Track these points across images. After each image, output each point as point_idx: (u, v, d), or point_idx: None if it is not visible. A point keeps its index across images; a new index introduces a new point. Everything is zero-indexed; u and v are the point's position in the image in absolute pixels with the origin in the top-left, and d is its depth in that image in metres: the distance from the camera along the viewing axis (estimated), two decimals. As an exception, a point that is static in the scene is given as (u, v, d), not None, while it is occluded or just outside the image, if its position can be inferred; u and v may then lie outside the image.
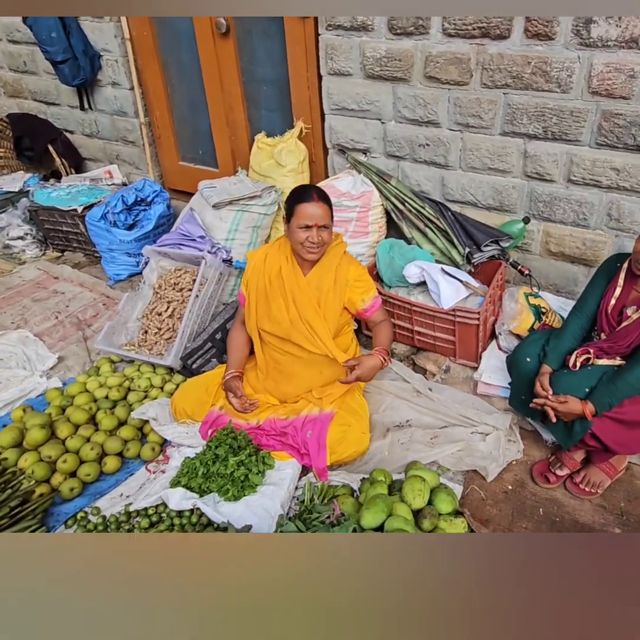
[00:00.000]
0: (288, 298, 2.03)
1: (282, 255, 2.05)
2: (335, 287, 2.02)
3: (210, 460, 1.96)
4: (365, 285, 2.08)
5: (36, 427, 2.05)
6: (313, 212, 1.89)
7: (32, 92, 4.04)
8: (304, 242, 1.91)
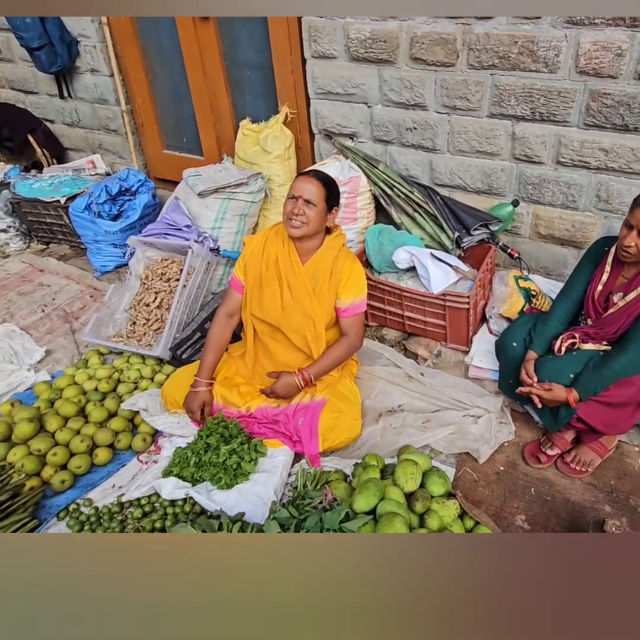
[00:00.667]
0: (283, 283, 2.01)
1: (279, 240, 2.03)
2: (331, 279, 2.00)
3: (202, 449, 1.95)
4: (349, 285, 2.01)
5: (24, 420, 2.03)
6: (301, 184, 1.89)
7: (9, 80, 3.95)
8: (288, 213, 1.90)
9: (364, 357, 2.42)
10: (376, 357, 2.44)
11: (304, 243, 1.99)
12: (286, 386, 1.99)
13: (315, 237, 1.99)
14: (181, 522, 1.77)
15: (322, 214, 1.93)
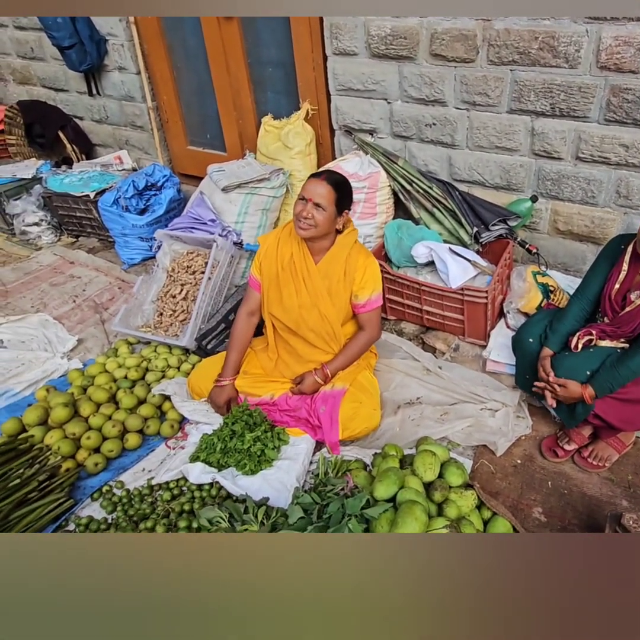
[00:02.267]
0: (299, 284, 2.06)
1: (294, 240, 2.06)
2: (345, 278, 2.03)
3: (228, 436, 2.03)
4: (364, 281, 2.03)
5: (60, 405, 2.13)
6: (313, 187, 1.89)
7: (41, 78, 4.07)
8: (297, 214, 1.92)
9: (382, 349, 2.47)
10: (395, 350, 2.49)
11: (316, 243, 2.02)
12: (311, 385, 2.10)
13: (326, 238, 2.01)
14: (208, 505, 1.86)
15: (332, 218, 1.93)
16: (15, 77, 4.22)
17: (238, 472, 1.98)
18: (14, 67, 4.17)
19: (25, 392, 2.41)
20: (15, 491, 1.81)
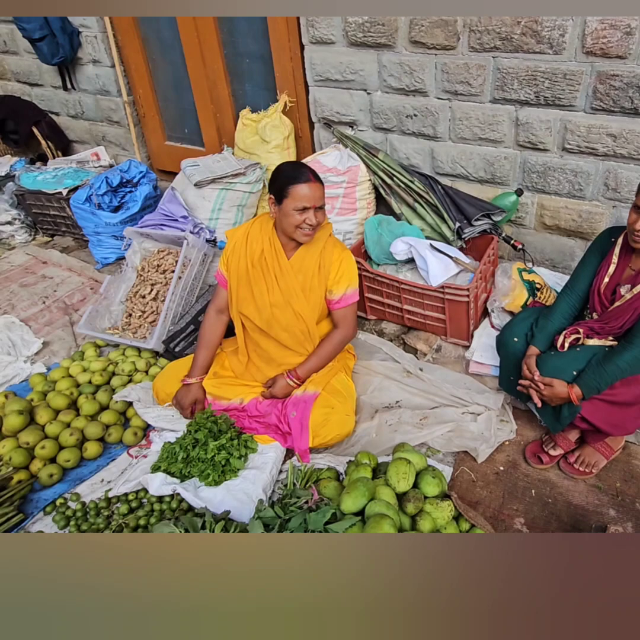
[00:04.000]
0: (271, 281, 1.95)
1: (265, 236, 1.95)
2: (320, 272, 1.93)
3: (190, 444, 1.92)
4: (339, 276, 1.94)
5: (14, 413, 2.02)
6: (312, 193, 1.76)
7: (15, 72, 3.95)
8: (300, 224, 1.80)
9: (361, 351, 2.36)
10: (374, 352, 2.37)
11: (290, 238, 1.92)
12: (283, 388, 2.00)
13: None
14: (166, 519, 1.74)
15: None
16: (-10, 71, 4.10)
17: (201, 483, 1.86)
18: (-12, 62, 4.05)
19: (-18, 398, 2.28)
20: (-42, 506, 1.69)
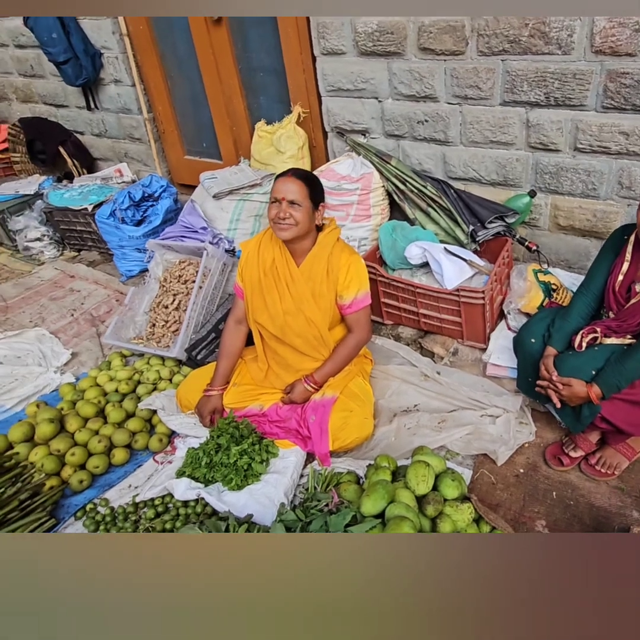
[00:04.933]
0: (283, 289, 2.00)
1: (275, 245, 2.00)
2: (329, 278, 1.96)
3: (213, 449, 1.97)
4: (348, 280, 1.96)
5: (45, 421, 2.10)
6: (282, 186, 1.84)
7: (42, 95, 4.11)
8: (274, 217, 1.86)
9: (379, 356, 2.38)
10: (391, 356, 2.40)
11: (297, 245, 1.96)
12: (301, 393, 2.03)
13: (307, 237, 1.95)
14: (191, 523, 1.79)
15: (309, 212, 1.88)
16: (18, 95, 4.28)
17: (224, 488, 1.91)
18: (17, 86, 4.23)
19: (16, 408, 2.38)
20: (-6, 511, 1.77)
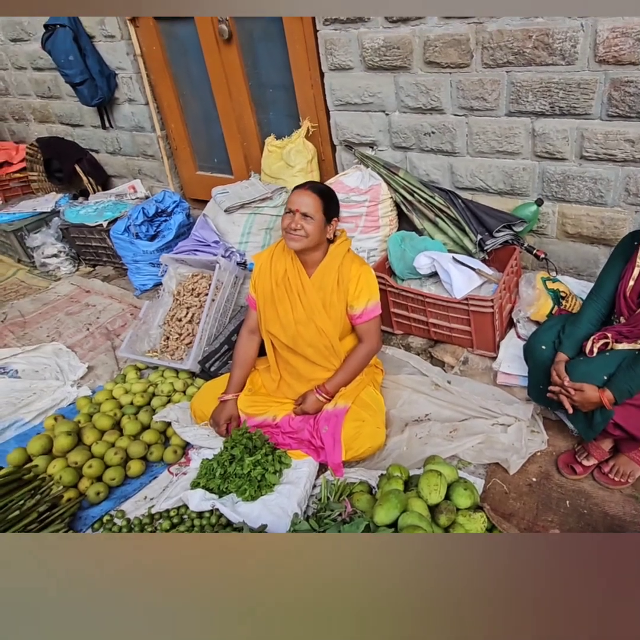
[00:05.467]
0: (294, 299, 2.03)
1: (287, 256, 2.05)
2: (339, 288, 1.99)
3: (227, 460, 1.99)
4: (358, 290, 1.99)
5: (63, 434, 2.15)
6: (297, 198, 1.90)
7: (58, 115, 4.22)
8: (286, 227, 1.91)
9: (389, 365, 2.40)
10: (402, 366, 2.41)
11: (308, 256, 2.00)
12: (313, 403, 2.05)
13: (319, 249, 1.99)
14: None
15: (321, 226, 1.93)
16: (36, 116, 4.40)
17: (238, 498, 1.93)
18: (34, 107, 4.35)
19: (34, 421, 2.43)
20: (14, 523, 1.81)
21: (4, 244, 3.94)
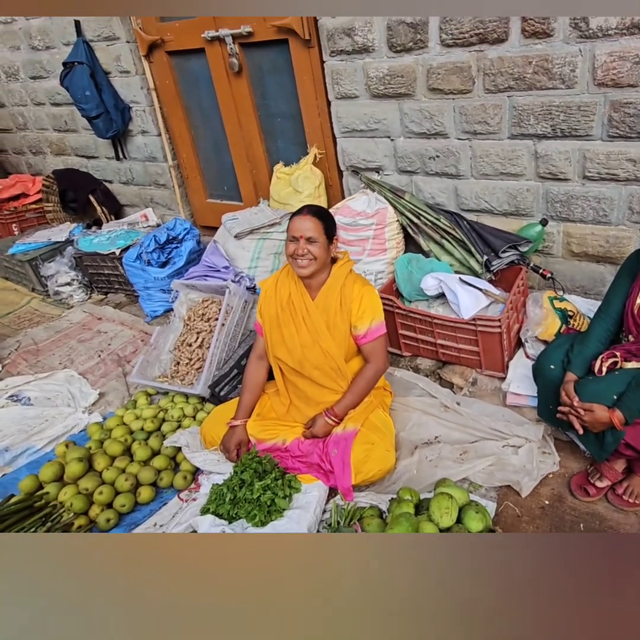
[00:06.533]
0: (299, 323, 2.05)
1: (291, 280, 2.07)
2: (342, 309, 2.01)
3: (237, 485, 1.98)
4: (361, 310, 2.00)
5: (74, 460, 2.16)
6: (299, 224, 1.93)
7: (74, 148, 4.36)
8: (292, 254, 1.94)
9: (398, 387, 2.39)
10: (410, 388, 2.40)
11: (313, 279, 2.02)
12: (322, 427, 2.05)
13: (324, 271, 2.02)
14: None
15: (325, 247, 1.96)
16: (52, 149, 4.55)
17: (248, 524, 1.92)
18: (51, 140, 4.50)
19: (46, 448, 2.45)
20: (25, 549, 1.81)
21: (19, 274, 4.03)
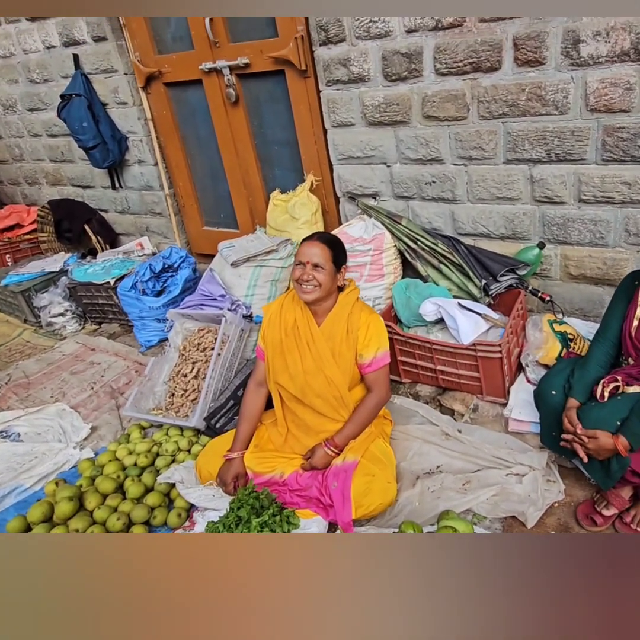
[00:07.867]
0: (304, 349, 2.01)
1: (297, 306, 2.05)
2: (348, 337, 1.98)
3: (233, 523, 1.91)
4: (367, 339, 1.98)
5: (64, 500, 2.06)
6: (307, 249, 1.92)
7: (70, 178, 4.38)
8: (298, 279, 1.92)
9: (398, 416, 2.34)
10: (411, 415, 2.35)
11: (319, 305, 2.00)
12: (322, 458, 1.99)
13: (330, 298, 2.00)
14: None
15: (332, 275, 1.94)
16: (48, 179, 4.56)
17: (244, 561, 1.84)
18: (47, 171, 4.52)
19: (35, 486, 2.34)
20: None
21: (12, 305, 3.98)
